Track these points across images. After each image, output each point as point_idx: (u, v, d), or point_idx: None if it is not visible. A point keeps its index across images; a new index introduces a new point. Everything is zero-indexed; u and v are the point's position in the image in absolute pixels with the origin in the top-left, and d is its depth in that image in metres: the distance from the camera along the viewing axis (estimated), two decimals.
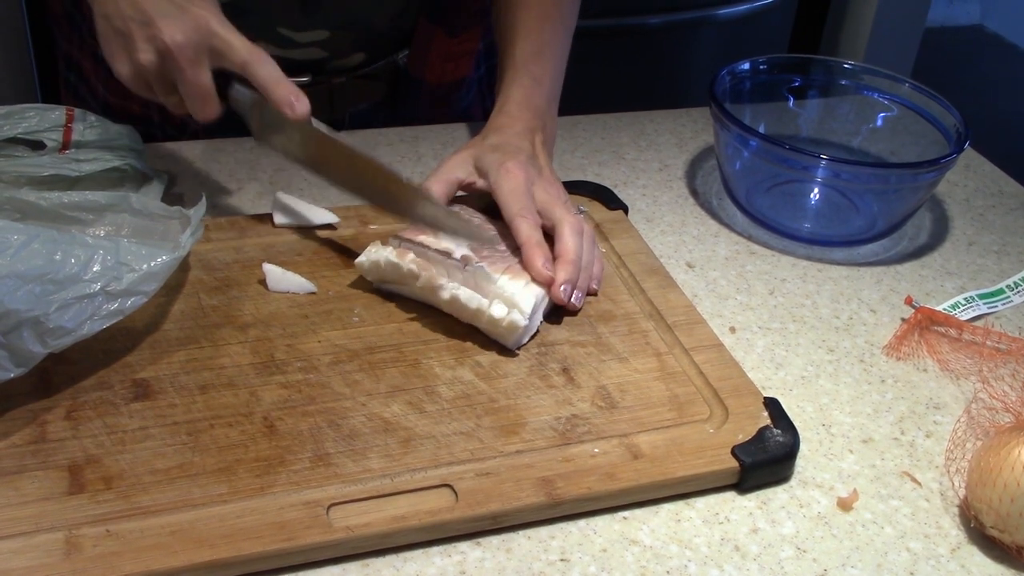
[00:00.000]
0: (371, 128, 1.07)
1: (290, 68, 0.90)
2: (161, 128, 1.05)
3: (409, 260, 0.77)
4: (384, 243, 0.80)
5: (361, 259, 0.80)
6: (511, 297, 0.75)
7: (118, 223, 0.81)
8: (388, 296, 0.80)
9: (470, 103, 1.15)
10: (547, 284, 0.78)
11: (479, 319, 0.76)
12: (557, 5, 0.96)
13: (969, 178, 1.08)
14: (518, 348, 0.76)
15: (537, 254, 0.79)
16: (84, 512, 0.60)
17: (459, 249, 0.77)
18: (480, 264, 0.77)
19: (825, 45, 2.65)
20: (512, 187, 0.83)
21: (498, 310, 0.75)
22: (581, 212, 0.87)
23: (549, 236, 0.82)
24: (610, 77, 2.23)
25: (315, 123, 0.82)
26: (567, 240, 0.81)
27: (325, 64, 1.02)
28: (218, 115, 0.81)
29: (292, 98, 0.78)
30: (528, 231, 0.80)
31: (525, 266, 0.79)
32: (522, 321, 0.74)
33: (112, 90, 1.04)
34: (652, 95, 2.30)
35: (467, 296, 0.75)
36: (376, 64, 1.05)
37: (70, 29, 1.08)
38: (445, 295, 0.76)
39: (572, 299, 0.79)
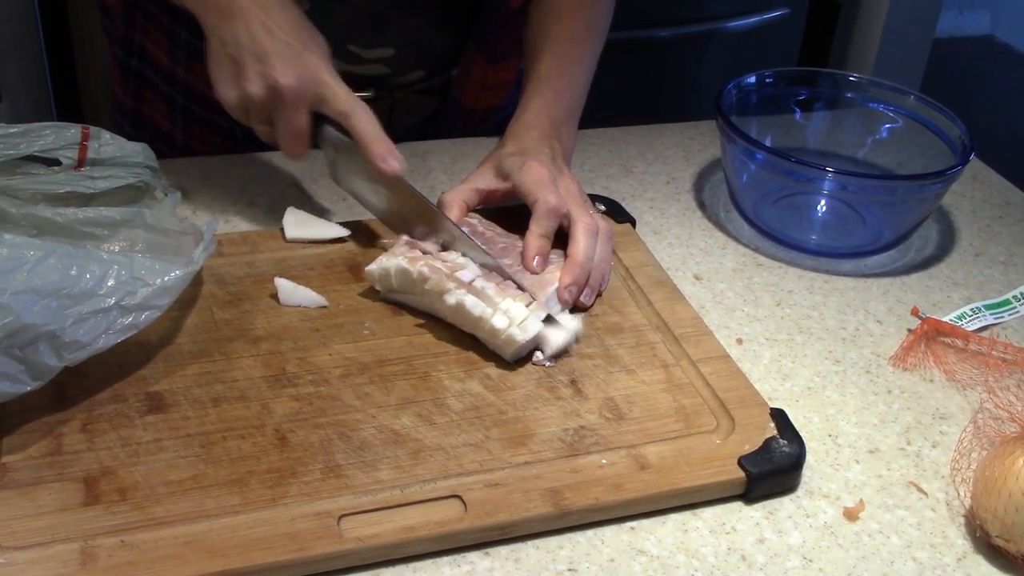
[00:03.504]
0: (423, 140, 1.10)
1: (355, 83, 0.93)
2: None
3: (420, 265, 0.78)
4: (395, 252, 0.81)
5: (371, 267, 0.81)
6: (515, 316, 0.76)
7: (132, 238, 0.83)
8: (398, 309, 0.81)
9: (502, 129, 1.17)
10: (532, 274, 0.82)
11: (480, 327, 0.76)
12: (588, 27, 0.98)
13: (976, 189, 1.08)
14: (515, 362, 0.77)
15: (532, 246, 0.82)
16: (99, 523, 0.61)
17: (468, 270, 0.78)
18: (486, 285, 0.77)
19: (835, 56, 2.65)
20: (535, 178, 0.85)
21: (499, 321, 0.76)
22: (601, 210, 0.88)
23: (563, 233, 0.84)
24: (620, 89, 2.24)
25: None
26: (579, 241, 0.83)
27: (387, 80, 1.06)
28: (305, 156, 0.86)
29: (388, 156, 0.83)
30: (546, 218, 0.83)
31: (523, 251, 0.83)
32: (520, 337, 0.75)
33: (197, 75, 1.05)
34: (662, 107, 2.31)
35: (472, 303, 0.76)
36: (432, 80, 1.09)
37: (130, 12, 1.09)
38: (451, 300, 0.77)
39: (582, 298, 0.82)
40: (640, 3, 2.20)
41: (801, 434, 0.71)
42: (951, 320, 0.86)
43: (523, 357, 0.77)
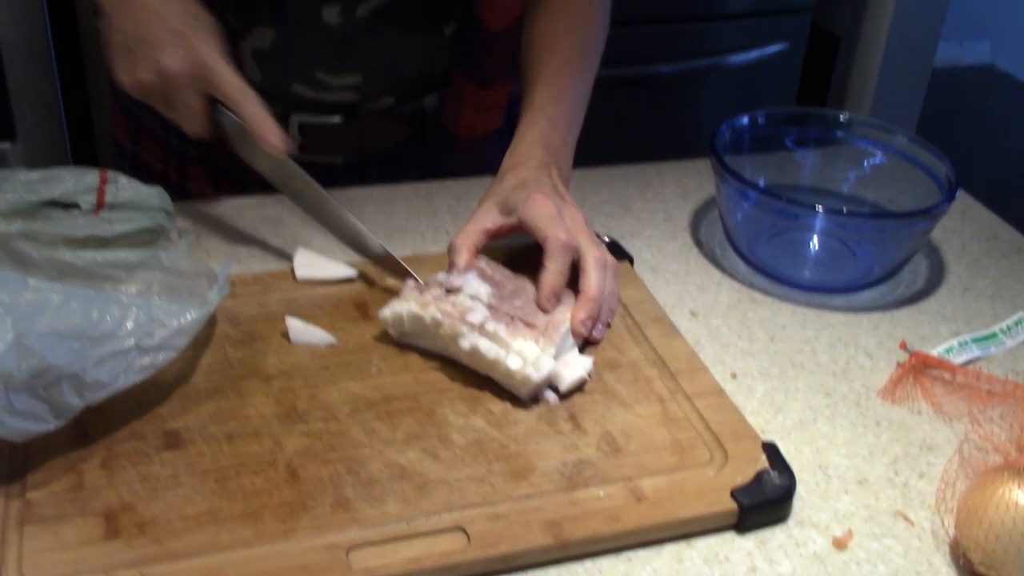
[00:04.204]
0: (400, 167, 1.14)
1: (324, 109, 0.97)
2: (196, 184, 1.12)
3: (432, 311, 0.81)
4: (405, 297, 0.84)
5: (384, 313, 0.84)
6: (528, 356, 0.79)
7: (149, 280, 0.86)
8: (404, 347, 0.84)
9: (499, 154, 1.20)
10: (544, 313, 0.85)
11: (496, 369, 0.79)
12: (581, 53, 1.01)
13: (965, 224, 1.12)
14: (532, 401, 0.79)
15: (549, 284, 0.85)
16: (120, 556, 0.64)
17: (477, 312, 0.81)
18: (497, 327, 0.80)
19: (835, 88, 2.69)
20: (542, 212, 0.87)
21: (514, 362, 0.78)
22: (604, 242, 0.90)
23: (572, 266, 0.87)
24: (619, 126, 2.28)
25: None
26: (591, 276, 0.86)
27: (357, 106, 1.09)
28: (208, 134, 0.91)
29: (269, 135, 0.88)
30: (560, 255, 0.85)
31: (539, 289, 0.85)
32: (535, 376, 0.77)
33: (176, 169, 1.12)
34: (663, 142, 2.35)
35: (486, 346, 0.79)
36: (404, 106, 1.11)
37: (125, 120, 1.14)
38: (465, 344, 0.79)
39: (594, 332, 0.85)
40: (639, 39, 2.25)
41: (792, 466, 0.74)
42: (939, 353, 0.89)
43: (535, 397, 0.80)
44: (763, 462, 0.74)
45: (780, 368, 0.88)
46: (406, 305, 0.82)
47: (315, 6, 1.02)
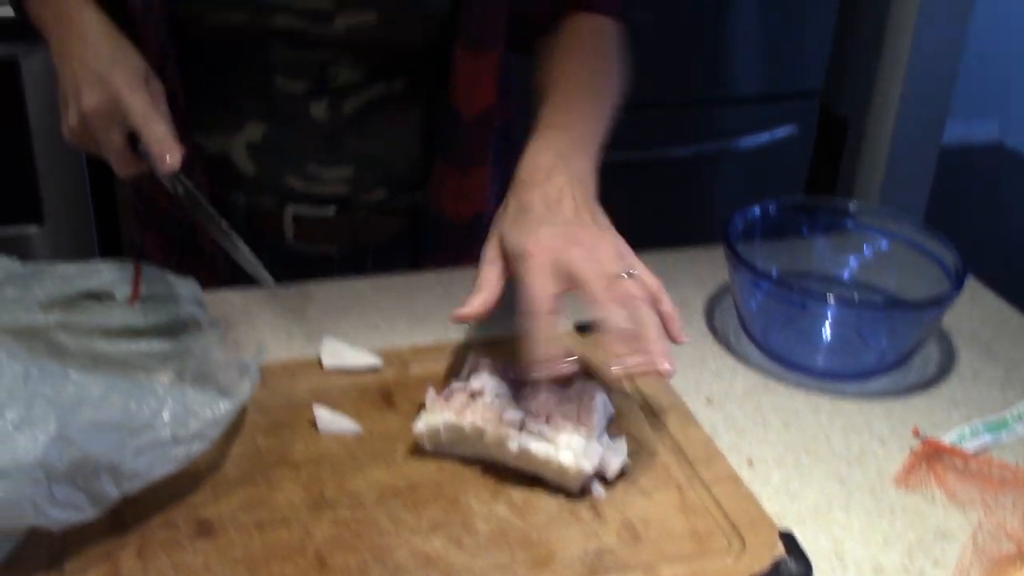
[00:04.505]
0: (395, 257, 1.16)
1: (317, 201, 1.02)
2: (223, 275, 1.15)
3: (470, 418, 0.81)
4: (434, 408, 0.83)
5: (419, 427, 0.83)
6: (576, 448, 0.79)
7: (180, 369, 0.89)
8: None
9: None
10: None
11: (548, 468, 0.79)
12: (593, 83, 1.02)
13: (974, 310, 1.14)
14: (581, 494, 0.80)
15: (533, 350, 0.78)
16: None
17: (512, 412, 0.81)
18: (537, 424, 0.81)
19: (844, 168, 2.74)
20: (534, 286, 0.80)
21: (566, 456, 0.79)
22: (631, 275, 0.83)
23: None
24: (630, 210, 2.31)
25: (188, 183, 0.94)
26: (608, 323, 0.79)
27: (350, 199, 1.12)
28: (137, 172, 0.94)
29: (165, 154, 0.90)
30: (543, 354, 0.78)
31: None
32: (587, 467, 0.78)
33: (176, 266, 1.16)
34: (676, 226, 2.39)
35: (536, 447, 0.79)
36: (396, 200, 1.14)
37: (135, 218, 1.19)
38: (513, 447, 0.79)
39: (647, 366, 0.80)
40: (650, 123, 2.30)
41: (808, 554, 0.76)
42: (951, 439, 0.91)
43: (584, 489, 0.80)
44: (780, 550, 0.76)
45: (795, 455, 0.90)
46: (440, 416, 0.82)
47: (303, 101, 1.06)
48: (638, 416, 0.91)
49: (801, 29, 2.44)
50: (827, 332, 1.05)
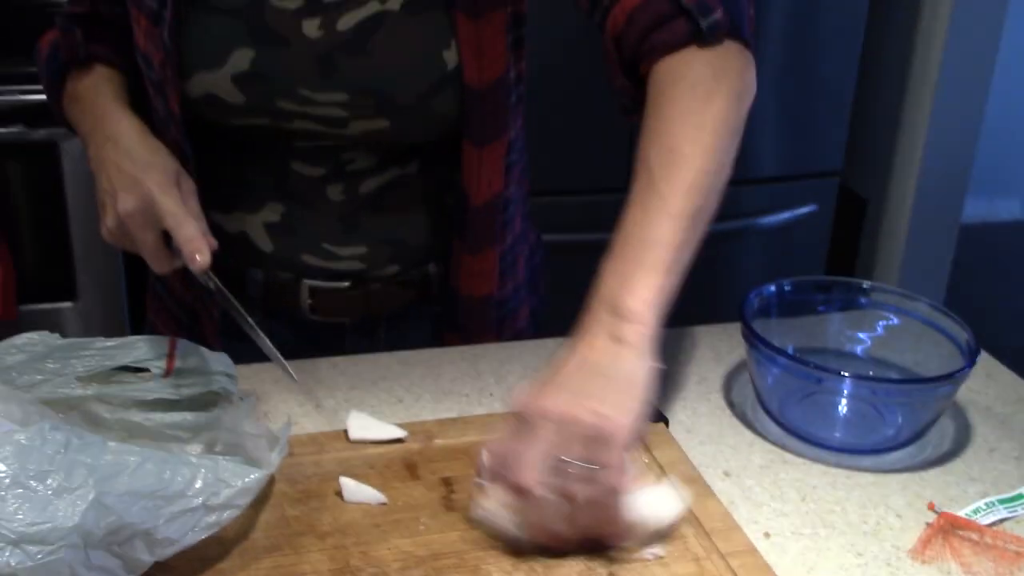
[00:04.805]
0: (407, 325, 1.20)
1: (333, 276, 1.10)
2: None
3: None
4: (492, 494, 0.83)
5: (479, 514, 0.84)
6: (658, 496, 0.84)
7: (211, 440, 0.92)
8: (451, 505, 0.89)
9: (497, 315, 1.25)
10: None
11: (635, 533, 0.83)
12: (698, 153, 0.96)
13: (990, 386, 1.16)
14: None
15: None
16: None
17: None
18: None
19: (864, 247, 2.76)
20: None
21: (662, 505, 0.84)
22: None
23: None
24: None
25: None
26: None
27: (364, 274, 1.16)
28: (171, 268, 1.00)
29: (195, 254, 0.96)
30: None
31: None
32: (681, 507, 0.84)
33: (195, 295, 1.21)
34: (696, 304, 2.41)
35: (636, 500, 0.82)
36: (409, 273, 1.18)
37: (150, 298, 1.25)
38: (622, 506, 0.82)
39: None
40: None
41: None
42: (966, 514, 0.92)
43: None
44: None
45: (812, 528, 0.91)
46: (503, 497, 0.82)
47: (320, 184, 1.11)
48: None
49: (821, 109, 2.49)
50: (843, 407, 1.07)
